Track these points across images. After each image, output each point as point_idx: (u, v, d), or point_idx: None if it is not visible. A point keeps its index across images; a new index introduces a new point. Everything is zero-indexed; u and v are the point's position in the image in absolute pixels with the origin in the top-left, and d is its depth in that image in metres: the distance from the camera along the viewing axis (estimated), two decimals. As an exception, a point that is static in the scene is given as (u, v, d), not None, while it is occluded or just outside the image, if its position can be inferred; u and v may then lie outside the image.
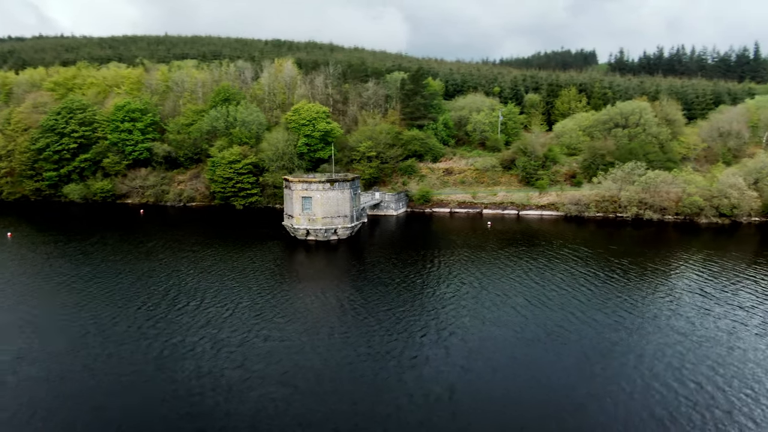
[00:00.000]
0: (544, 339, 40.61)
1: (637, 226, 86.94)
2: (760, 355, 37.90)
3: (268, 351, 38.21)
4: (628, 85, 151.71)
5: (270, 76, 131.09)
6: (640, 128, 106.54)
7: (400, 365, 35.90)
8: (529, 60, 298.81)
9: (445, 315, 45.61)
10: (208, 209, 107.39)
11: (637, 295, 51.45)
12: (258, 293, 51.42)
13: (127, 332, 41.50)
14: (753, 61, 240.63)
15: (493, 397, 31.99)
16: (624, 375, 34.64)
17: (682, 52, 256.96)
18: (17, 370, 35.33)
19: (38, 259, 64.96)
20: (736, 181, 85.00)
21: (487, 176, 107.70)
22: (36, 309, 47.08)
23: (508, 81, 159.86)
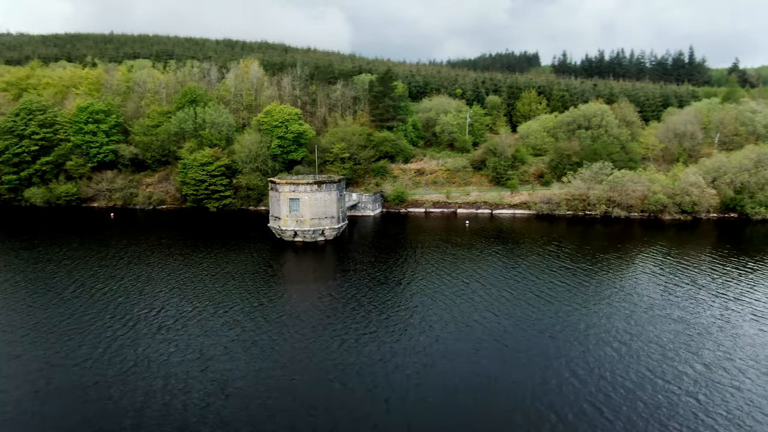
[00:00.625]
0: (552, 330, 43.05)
1: (606, 223, 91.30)
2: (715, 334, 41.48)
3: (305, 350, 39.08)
4: (584, 87, 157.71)
5: (237, 78, 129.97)
6: (602, 129, 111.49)
7: (431, 361, 37.53)
8: (475, 61, 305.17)
9: (458, 310, 47.50)
10: (179, 212, 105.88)
11: (607, 285, 54.78)
12: (264, 297, 51.91)
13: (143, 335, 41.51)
14: (688, 65, 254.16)
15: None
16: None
17: (622, 55, 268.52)
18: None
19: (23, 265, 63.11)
20: (696, 180, 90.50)
21: (458, 176, 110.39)
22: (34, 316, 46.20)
23: (468, 83, 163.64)
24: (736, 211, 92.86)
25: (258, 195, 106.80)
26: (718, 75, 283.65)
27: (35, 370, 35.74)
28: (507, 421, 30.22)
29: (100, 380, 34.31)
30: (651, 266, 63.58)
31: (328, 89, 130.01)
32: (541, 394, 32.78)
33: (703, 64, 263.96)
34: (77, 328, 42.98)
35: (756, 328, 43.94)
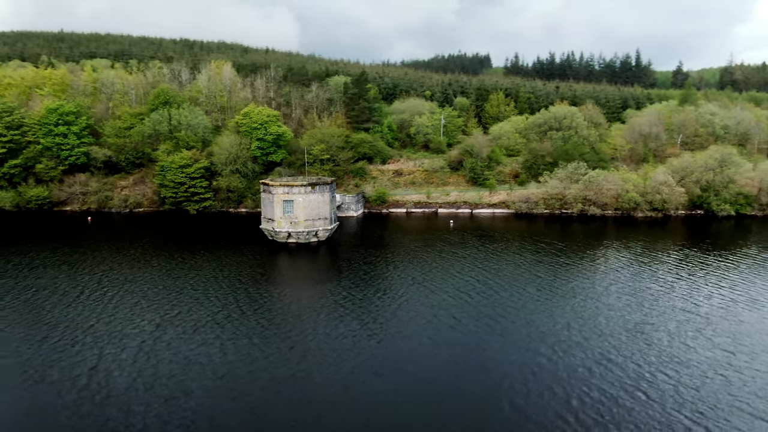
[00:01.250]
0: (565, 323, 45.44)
1: (583, 221, 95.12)
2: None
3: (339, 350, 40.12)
4: (548, 90, 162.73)
5: (210, 80, 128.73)
6: (572, 131, 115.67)
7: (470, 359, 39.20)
8: (429, 62, 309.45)
9: (482, 305, 49.41)
10: (157, 215, 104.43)
11: (585, 278, 57.91)
12: (274, 299, 52.62)
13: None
14: (635, 68, 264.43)
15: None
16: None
17: (572, 58, 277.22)
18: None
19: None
20: (666, 179, 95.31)
21: (436, 177, 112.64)
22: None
23: (436, 85, 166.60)
24: (702, 208, 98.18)
25: (238, 197, 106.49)
26: (663, 77, 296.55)
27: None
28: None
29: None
30: (621, 261, 67.06)
31: (303, 91, 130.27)
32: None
33: (649, 67, 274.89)
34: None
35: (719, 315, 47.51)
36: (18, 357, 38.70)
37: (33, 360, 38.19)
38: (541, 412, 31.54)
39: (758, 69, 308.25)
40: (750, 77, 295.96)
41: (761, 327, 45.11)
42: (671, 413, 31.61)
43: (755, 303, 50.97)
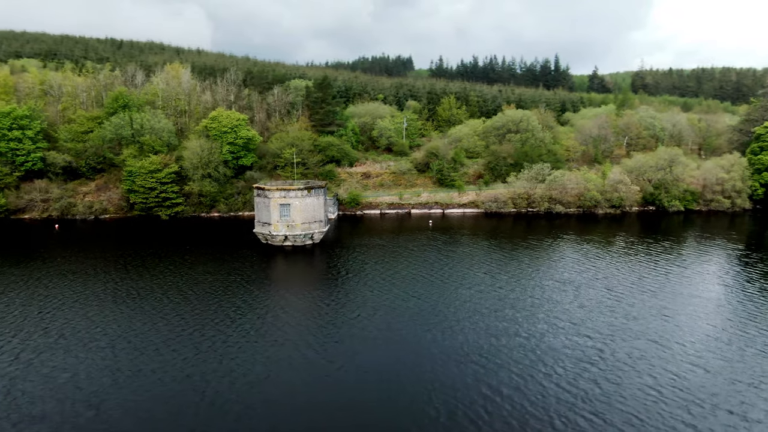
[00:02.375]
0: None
1: (549, 218, 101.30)
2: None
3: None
4: (496, 94, 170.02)
5: (169, 83, 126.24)
6: (529, 133, 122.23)
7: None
8: (353, 64, 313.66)
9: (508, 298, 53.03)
10: (126, 221, 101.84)
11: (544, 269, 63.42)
12: (292, 304, 54.24)
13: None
14: (554, 72, 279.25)
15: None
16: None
17: (495, 61, 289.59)
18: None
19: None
20: (622, 178, 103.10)
21: (404, 179, 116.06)
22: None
23: (386, 88, 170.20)
24: (655, 204, 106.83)
25: (210, 201, 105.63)
26: (580, 81, 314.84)
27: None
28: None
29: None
30: (578, 254, 73.09)
31: (265, 95, 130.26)
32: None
33: (567, 71, 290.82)
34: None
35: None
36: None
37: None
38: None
39: (666, 74, 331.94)
40: (660, 82, 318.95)
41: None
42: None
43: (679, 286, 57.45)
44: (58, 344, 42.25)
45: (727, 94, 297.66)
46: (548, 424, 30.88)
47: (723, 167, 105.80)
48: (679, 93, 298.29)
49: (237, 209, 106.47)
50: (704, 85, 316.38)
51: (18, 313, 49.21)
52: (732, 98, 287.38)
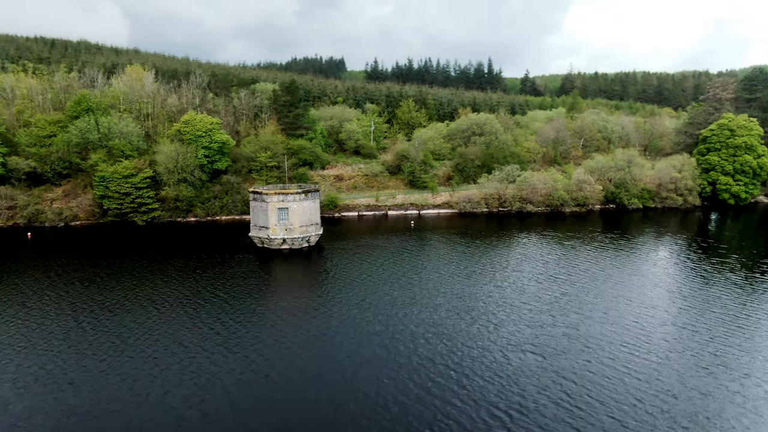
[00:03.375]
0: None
1: (521, 217, 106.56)
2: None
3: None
4: (452, 97, 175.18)
5: (132, 86, 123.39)
6: (493, 136, 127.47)
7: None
8: (287, 65, 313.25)
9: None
10: (99, 228, 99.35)
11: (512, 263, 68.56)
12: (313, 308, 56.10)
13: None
14: (488, 75, 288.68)
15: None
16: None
17: (430, 64, 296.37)
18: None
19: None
20: (586, 178, 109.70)
21: (376, 181, 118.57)
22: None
23: (342, 92, 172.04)
24: (615, 202, 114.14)
25: (187, 206, 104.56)
26: (512, 83, 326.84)
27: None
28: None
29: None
30: (540, 249, 78.65)
31: (232, 98, 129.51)
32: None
33: (500, 74, 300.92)
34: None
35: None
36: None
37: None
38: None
39: (593, 78, 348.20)
40: (588, 85, 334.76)
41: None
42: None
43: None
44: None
45: (649, 97, 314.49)
46: (533, 391, 34.51)
47: (675, 167, 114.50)
48: (606, 96, 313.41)
49: (214, 213, 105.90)
50: (628, 88, 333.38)
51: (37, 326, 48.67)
52: (654, 101, 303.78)
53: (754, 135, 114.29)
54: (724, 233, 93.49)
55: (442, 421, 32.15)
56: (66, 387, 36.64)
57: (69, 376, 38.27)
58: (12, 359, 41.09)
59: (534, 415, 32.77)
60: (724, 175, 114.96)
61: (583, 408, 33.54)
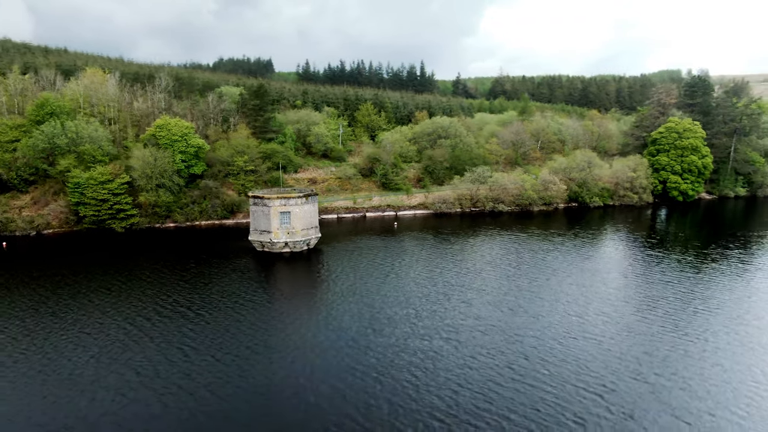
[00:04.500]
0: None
1: (493, 216, 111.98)
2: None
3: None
4: (407, 101, 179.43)
5: (96, 90, 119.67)
6: (457, 139, 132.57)
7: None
8: (215, 66, 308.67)
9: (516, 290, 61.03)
10: (74, 235, 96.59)
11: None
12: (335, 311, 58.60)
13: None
14: (420, 77, 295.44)
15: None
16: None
17: (362, 66, 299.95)
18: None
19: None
20: (552, 178, 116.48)
21: (350, 183, 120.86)
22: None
23: (298, 95, 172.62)
24: (578, 201, 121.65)
25: (165, 212, 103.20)
26: (443, 86, 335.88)
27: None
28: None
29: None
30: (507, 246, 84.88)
31: (198, 102, 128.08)
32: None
33: (432, 77, 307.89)
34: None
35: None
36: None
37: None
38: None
39: (521, 81, 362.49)
40: (518, 88, 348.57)
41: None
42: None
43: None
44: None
45: (574, 100, 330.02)
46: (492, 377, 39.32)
47: (630, 167, 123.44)
48: (535, 99, 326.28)
49: (193, 219, 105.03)
50: (555, 91, 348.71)
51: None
52: (580, 103, 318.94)
53: (698, 137, 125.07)
54: (671, 228, 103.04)
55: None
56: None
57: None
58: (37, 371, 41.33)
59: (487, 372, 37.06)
60: (673, 174, 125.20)
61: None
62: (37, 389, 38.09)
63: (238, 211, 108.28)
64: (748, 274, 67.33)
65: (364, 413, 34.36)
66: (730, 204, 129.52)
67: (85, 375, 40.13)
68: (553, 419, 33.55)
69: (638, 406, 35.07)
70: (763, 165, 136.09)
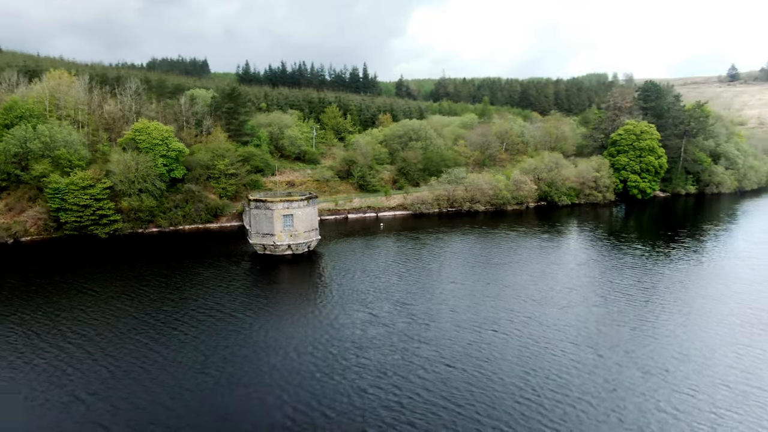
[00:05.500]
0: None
1: (470, 215, 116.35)
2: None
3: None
4: (371, 103, 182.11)
5: (67, 93, 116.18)
6: (428, 141, 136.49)
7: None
8: (149, 65, 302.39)
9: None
10: (55, 242, 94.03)
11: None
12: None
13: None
14: (364, 79, 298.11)
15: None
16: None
17: (304, 67, 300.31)
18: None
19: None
20: (523, 178, 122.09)
21: (328, 186, 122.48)
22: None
23: (261, 97, 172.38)
24: (547, 200, 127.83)
25: (148, 216, 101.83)
26: (386, 87, 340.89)
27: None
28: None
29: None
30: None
31: (171, 105, 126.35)
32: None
33: (375, 79, 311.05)
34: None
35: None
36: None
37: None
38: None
39: (462, 83, 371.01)
40: (460, 90, 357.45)
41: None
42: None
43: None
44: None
45: (515, 102, 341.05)
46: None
47: (594, 167, 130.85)
48: (476, 101, 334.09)
49: (177, 223, 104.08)
50: (496, 94, 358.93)
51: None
52: (521, 105, 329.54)
53: (654, 139, 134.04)
54: (630, 223, 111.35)
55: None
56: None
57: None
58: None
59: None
60: (633, 173, 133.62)
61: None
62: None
63: (221, 215, 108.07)
64: (695, 261, 77.37)
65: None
66: (681, 201, 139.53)
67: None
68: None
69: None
70: (709, 165, 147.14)
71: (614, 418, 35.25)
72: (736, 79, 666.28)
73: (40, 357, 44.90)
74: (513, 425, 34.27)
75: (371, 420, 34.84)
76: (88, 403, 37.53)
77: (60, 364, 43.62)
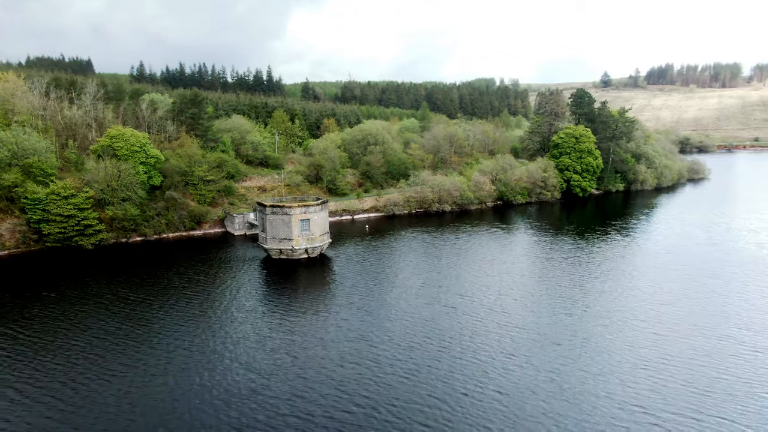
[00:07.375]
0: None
1: (439, 215, 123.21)
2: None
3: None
4: (316, 108, 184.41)
5: (19, 98, 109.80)
6: (386, 145, 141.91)
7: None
8: (28, 63, 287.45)
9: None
10: (38, 255, 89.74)
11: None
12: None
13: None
14: (268, 81, 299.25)
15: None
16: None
17: (204, 69, 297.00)
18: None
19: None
20: (483, 179, 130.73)
21: (299, 190, 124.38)
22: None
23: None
24: (503, 199, 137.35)
25: (132, 225, 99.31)
26: (291, 89, 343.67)
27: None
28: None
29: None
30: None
31: (134, 110, 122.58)
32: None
33: (281, 82, 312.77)
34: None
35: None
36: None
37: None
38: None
39: (368, 86, 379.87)
40: (367, 94, 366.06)
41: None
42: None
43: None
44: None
45: (420, 105, 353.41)
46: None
47: (541, 168, 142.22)
48: (383, 104, 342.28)
49: (161, 231, 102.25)
50: (403, 98, 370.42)
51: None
52: (429, 109, 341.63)
53: (591, 141, 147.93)
54: (574, 218, 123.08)
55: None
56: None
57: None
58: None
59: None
60: (575, 173, 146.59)
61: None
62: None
63: (203, 221, 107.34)
64: (623, 248, 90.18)
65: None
66: (612, 197, 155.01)
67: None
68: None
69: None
70: (634, 164, 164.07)
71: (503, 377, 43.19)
72: (609, 85, 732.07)
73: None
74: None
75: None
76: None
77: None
